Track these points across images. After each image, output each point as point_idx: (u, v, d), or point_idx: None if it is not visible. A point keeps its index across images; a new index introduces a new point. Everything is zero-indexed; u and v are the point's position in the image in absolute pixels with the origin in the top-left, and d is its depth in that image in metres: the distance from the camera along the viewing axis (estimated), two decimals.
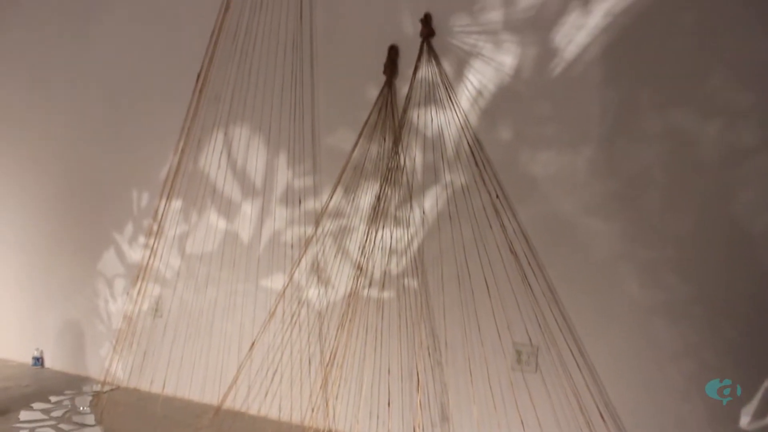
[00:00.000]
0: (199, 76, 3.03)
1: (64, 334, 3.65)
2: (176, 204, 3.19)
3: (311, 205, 2.87)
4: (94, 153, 3.52)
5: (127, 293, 3.38)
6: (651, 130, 2.26)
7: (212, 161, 3.08)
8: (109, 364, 3.36)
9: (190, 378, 3.14)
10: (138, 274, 3.24)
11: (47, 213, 3.72)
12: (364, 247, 2.68)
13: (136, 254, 3.38)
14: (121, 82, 3.42)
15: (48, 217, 3.71)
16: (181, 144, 3.09)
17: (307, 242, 2.86)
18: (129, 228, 3.42)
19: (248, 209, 3.02)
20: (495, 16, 2.50)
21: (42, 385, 3.35)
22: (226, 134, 3.06)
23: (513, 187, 2.47)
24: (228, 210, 3.08)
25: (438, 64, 2.59)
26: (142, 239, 3.36)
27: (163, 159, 3.21)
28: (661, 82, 2.25)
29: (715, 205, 2.18)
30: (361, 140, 2.72)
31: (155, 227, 3.22)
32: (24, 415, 2.86)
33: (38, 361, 3.70)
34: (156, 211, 3.21)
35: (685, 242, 2.22)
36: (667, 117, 2.24)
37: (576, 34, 2.37)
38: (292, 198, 2.91)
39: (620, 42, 2.31)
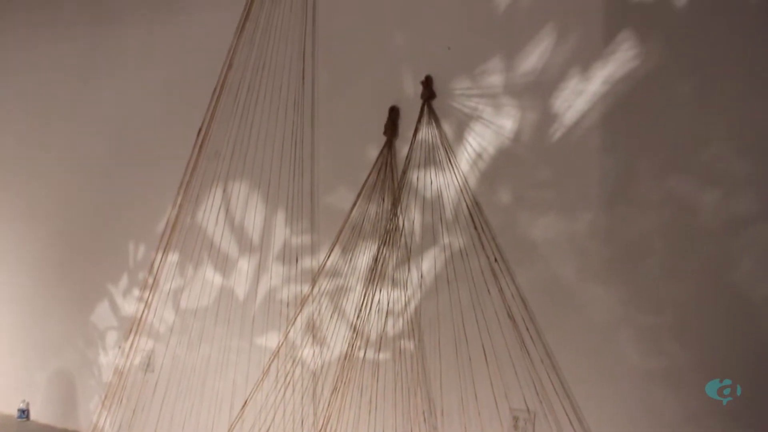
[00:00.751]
0: (200, 131, 3.05)
1: (53, 386, 3.59)
2: (172, 258, 3.17)
3: (308, 263, 2.85)
4: (92, 203, 3.53)
5: (119, 347, 3.33)
6: (650, 197, 2.26)
7: (210, 216, 3.08)
8: (98, 419, 3.29)
9: None
10: (131, 327, 3.20)
11: (42, 261, 3.70)
12: (360, 308, 2.65)
13: (130, 307, 3.35)
14: (122, 133, 3.45)
15: (42, 265, 3.70)
16: (180, 198, 3.10)
17: (303, 301, 2.83)
18: (124, 280, 3.39)
19: (245, 265, 3.00)
20: (495, 80, 2.52)
21: None
22: (225, 190, 3.07)
23: (512, 251, 2.45)
24: (224, 265, 3.06)
25: (438, 126, 2.60)
26: (136, 292, 3.33)
27: (161, 212, 3.21)
28: (660, 150, 2.26)
29: (715, 272, 2.15)
30: (360, 200, 2.72)
31: (150, 280, 3.20)
32: None
33: (24, 413, 3.63)
34: (152, 264, 3.19)
35: (685, 308, 2.19)
36: (666, 184, 2.24)
37: (575, 100, 2.39)
38: (289, 256, 2.89)
39: (619, 109, 2.32)
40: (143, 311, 3.19)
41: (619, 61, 2.34)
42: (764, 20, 2.16)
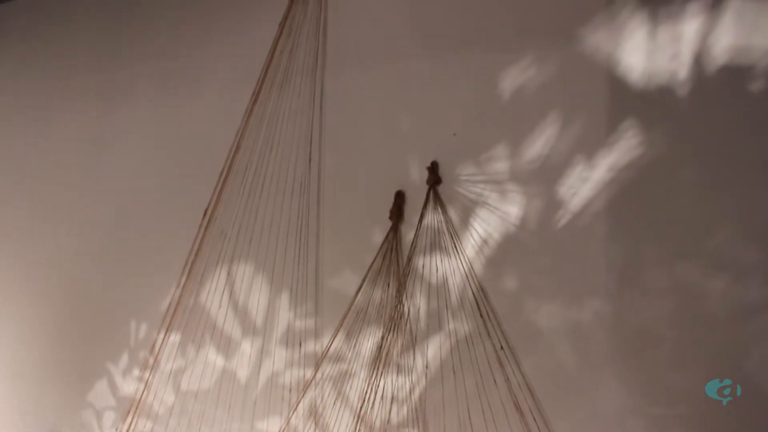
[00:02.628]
0: (206, 212, 3.06)
1: None
2: (174, 338, 3.14)
3: (312, 347, 2.82)
4: (95, 279, 3.52)
5: (116, 429, 3.27)
6: (658, 285, 2.25)
7: (214, 297, 3.06)
8: None
9: None
10: (129, 408, 3.15)
11: (40, 337, 3.67)
12: (364, 394, 2.61)
13: (129, 387, 3.30)
14: (127, 210, 3.47)
15: (41, 341, 3.66)
16: (184, 278, 3.09)
17: (306, 386, 2.78)
18: (124, 359, 3.35)
19: (247, 348, 2.97)
20: (501, 166, 2.54)
21: None
22: (229, 271, 3.06)
23: (518, 339, 2.43)
24: (227, 348, 3.03)
25: (444, 211, 2.61)
26: (136, 372, 3.28)
27: (164, 291, 3.20)
28: (666, 237, 2.26)
29: (726, 360, 2.12)
30: (365, 284, 2.71)
31: (151, 360, 3.16)
32: None
33: None
34: (153, 344, 3.16)
35: (696, 399, 2.15)
36: (673, 271, 2.23)
37: (581, 187, 2.40)
38: (292, 339, 2.86)
39: (624, 196, 2.33)
40: (143, 392, 3.14)
41: (623, 149, 2.36)
42: None
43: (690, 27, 2.33)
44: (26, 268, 3.79)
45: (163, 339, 3.13)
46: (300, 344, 2.84)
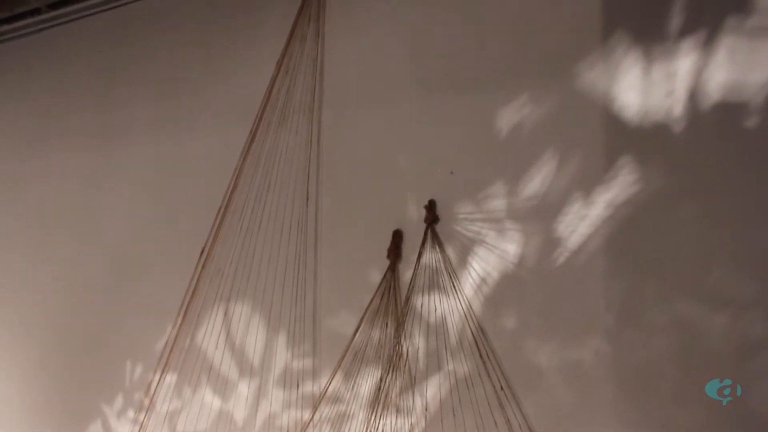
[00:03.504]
0: (203, 251, 3.05)
1: None
2: (170, 378, 3.10)
3: (309, 388, 2.78)
4: (89, 319, 3.49)
5: None
6: (658, 322, 2.23)
7: (210, 337, 3.04)
8: None
9: None
10: None
11: (33, 377, 3.63)
12: None
13: (123, 429, 3.25)
14: (124, 249, 3.46)
15: (33, 381, 3.62)
16: (180, 318, 3.06)
17: (304, 428, 2.74)
18: (119, 400, 3.31)
19: (244, 389, 2.93)
20: (499, 204, 2.54)
21: None
22: (226, 311, 3.04)
23: (518, 379, 2.40)
24: (224, 389, 2.99)
25: (442, 250, 2.60)
26: (131, 413, 3.24)
27: (160, 331, 3.17)
28: (666, 273, 2.25)
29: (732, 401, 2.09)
30: (363, 324, 2.68)
31: (147, 402, 3.12)
32: None
33: None
34: (149, 385, 3.12)
35: None
36: (673, 308, 2.22)
37: (579, 224, 2.40)
38: (290, 380, 2.83)
39: (623, 233, 2.33)
40: None
41: (620, 186, 2.36)
42: (764, 143, 2.20)
43: (684, 64, 2.35)
44: (20, 307, 3.77)
45: (159, 380, 3.09)
46: (297, 385, 2.81)
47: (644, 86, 2.40)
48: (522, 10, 2.65)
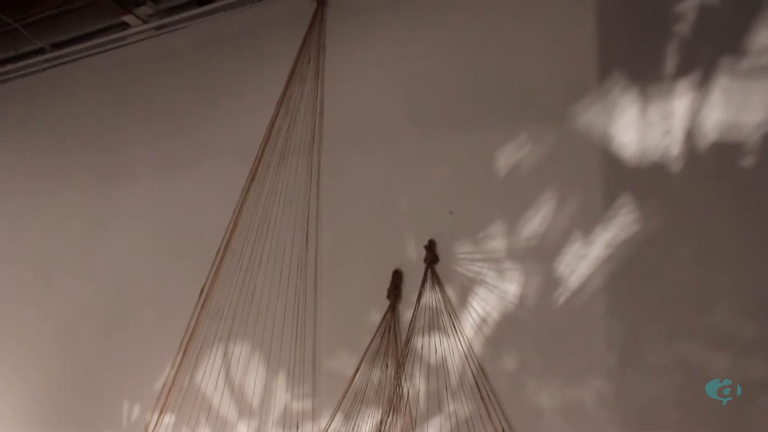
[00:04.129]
0: (202, 290, 3.05)
1: None
2: (168, 419, 3.08)
3: (309, 429, 2.76)
4: (87, 358, 3.46)
5: None
6: (659, 363, 2.23)
7: (210, 377, 3.02)
8: None
9: None
10: None
11: (30, 418, 3.59)
12: None
13: None
14: (123, 289, 3.45)
15: (30, 423, 3.58)
16: (179, 358, 3.05)
17: None
18: None
19: (244, 430, 2.91)
20: (498, 244, 2.55)
21: None
22: (225, 351, 3.03)
23: (519, 420, 2.38)
24: (223, 429, 2.96)
25: (442, 290, 2.60)
26: None
27: (159, 371, 3.15)
28: (666, 314, 2.25)
29: None
30: (363, 365, 2.67)
31: None
32: None
33: None
34: (147, 426, 3.09)
35: None
36: (674, 349, 2.22)
37: (578, 264, 2.40)
38: (289, 421, 2.80)
39: (622, 273, 2.34)
40: None
41: (619, 225, 2.38)
42: (763, 181, 2.22)
43: (680, 104, 2.39)
44: (17, 346, 3.75)
45: (157, 420, 3.06)
46: (297, 426, 2.78)
47: (641, 126, 2.43)
48: (519, 52, 2.70)
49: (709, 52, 2.38)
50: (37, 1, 3.84)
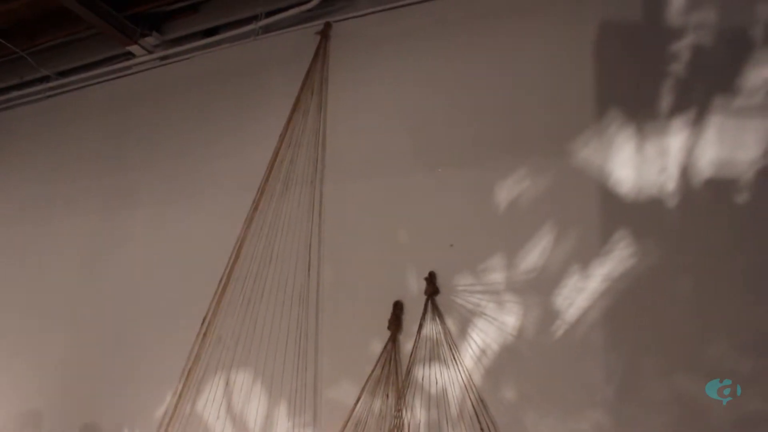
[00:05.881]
0: (204, 319, 3.08)
1: None
2: None
3: None
4: (88, 386, 3.47)
5: None
6: (658, 397, 2.26)
7: (212, 405, 3.03)
8: None
9: None
10: None
11: None
12: None
13: None
14: (125, 317, 3.48)
15: None
16: (181, 386, 3.07)
17: None
18: None
19: None
20: (497, 277, 2.59)
21: None
22: (227, 379, 3.04)
23: None
24: None
25: (442, 321, 2.64)
26: None
27: (160, 399, 3.16)
28: (664, 347, 2.29)
29: None
30: (363, 395, 2.69)
31: None
32: None
33: None
34: None
35: None
36: (672, 383, 2.25)
37: (576, 297, 2.44)
38: None
39: (620, 306, 2.38)
40: None
41: (617, 259, 2.42)
42: (757, 218, 2.28)
43: (675, 141, 2.45)
44: (18, 372, 3.75)
45: None
46: None
47: (638, 162, 2.49)
48: (519, 89, 2.77)
49: (703, 91, 2.45)
50: (43, 31, 3.90)
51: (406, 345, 2.69)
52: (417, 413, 2.59)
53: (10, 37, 3.93)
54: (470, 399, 2.51)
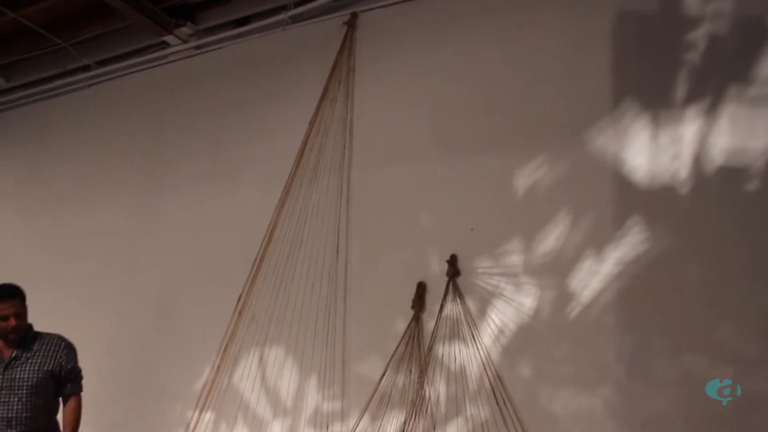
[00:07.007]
0: (239, 298, 3.25)
1: None
2: (209, 417, 3.27)
3: (338, 429, 2.94)
4: (133, 363, 3.68)
5: None
6: (666, 376, 2.37)
7: (247, 379, 3.21)
8: None
9: None
10: None
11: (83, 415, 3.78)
12: None
13: None
14: (165, 296, 3.67)
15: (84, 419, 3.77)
16: (218, 361, 3.25)
17: None
18: None
19: (278, 428, 3.09)
20: (515, 260, 2.71)
21: None
22: (261, 355, 3.21)
23: (533, 426, 2.54)
24: (259, 427, 3.15)
25: (463, 302, 2.77)
26: None
27: (199, 373, 3.35)
28: (673, 329, 2.40)
29: None
30: (388, 370, 2.84)
31: None
32: None
33: None
34: (188, 425, 3.29)
35: None
36: (680, 364, 2.36)
37: (590, 280, 2.55)
38: (320, 421, 2.99)
39: (632, 289, 2.49)
40: None
41: (629, 244, 2.52)
42: (765, 206, 2.34)
43: (689, 130, 2.51)
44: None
45: (198, 418, 3.26)
46: (327, 426, 2.97)
47: (652, 150, 2.57)
48: (537, 79, 2.84)
49: (717, 81, 2.50)
50: (84, 24, 4.04)
51: (429, 324, 2.83)
52: (438, 387, 2.74)
53: (54, 30, 4.08)
54: (488, 375, 2.65)
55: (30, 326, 2.85)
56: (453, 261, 2.82)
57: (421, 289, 2.87)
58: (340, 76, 3.33)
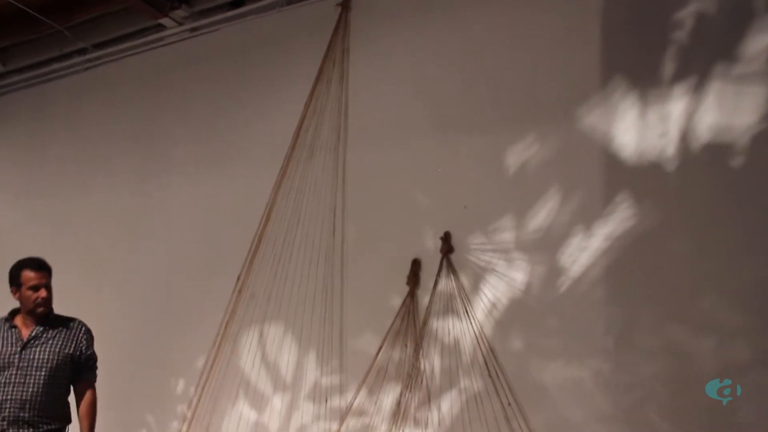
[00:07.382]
0: (239, 277, 3.32)
1: None
2: (210, 393, 3.35)
3: (337, 402, 3.04)
4: (136, 341, 3.76)
5: None
6: (651, 345, 2.46)
7: (247, 355, 3.29)
8: None
9: None
10: None
11: None
12: None
13: None
14: (165, 276, 3.75)
15: None
16: (219, 338, 3.32)
17: None
18: (162, 412, 3.56)
19: (278, 403, 3.18)
20: (507, 236, 2.78)
21: None
22: (261, 332, 3.30)
23: (524, 395, 2.63)
24: (259, 402, 3.24)
25: (456, 277, 2.84)
26: (174, 425, 3.49)
27: (201, 351, 3.43)
28: (659, 302, 2.47)
29: (714, 416, 2.32)
30: (385, 344, 2.92)
31: (189, 414, 3.37)
32: None
33: None
34: (191, 400, 3.38)
35: None
36: (665, 334, 2.44)
37: (580, 255, 2.63)
38: (319, 395, 3.08)
39: (620, 263, 2.56)
40: None
41: (618, 220, 2.58)
42: (751, 181, 2.41)
43: (676, 107, 2.56)
44: None
45: (200, 394, 3.34)
46: (326, 399, 3.06)
47: (640, 128, 2.62)
48: (528, 59, 2.88)
49: (704, 59, 2.55)
50: (79, 7, 4.05)
51: (423, 299, 2.91)
52: (432, 361, 2.83)
53: (49, 13, 4.08)
54: (481, 348, 2.73)
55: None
56: (447, 238, 2.89)
57: (416, 265, 2.94)
58: (335, 57, 3.36)
